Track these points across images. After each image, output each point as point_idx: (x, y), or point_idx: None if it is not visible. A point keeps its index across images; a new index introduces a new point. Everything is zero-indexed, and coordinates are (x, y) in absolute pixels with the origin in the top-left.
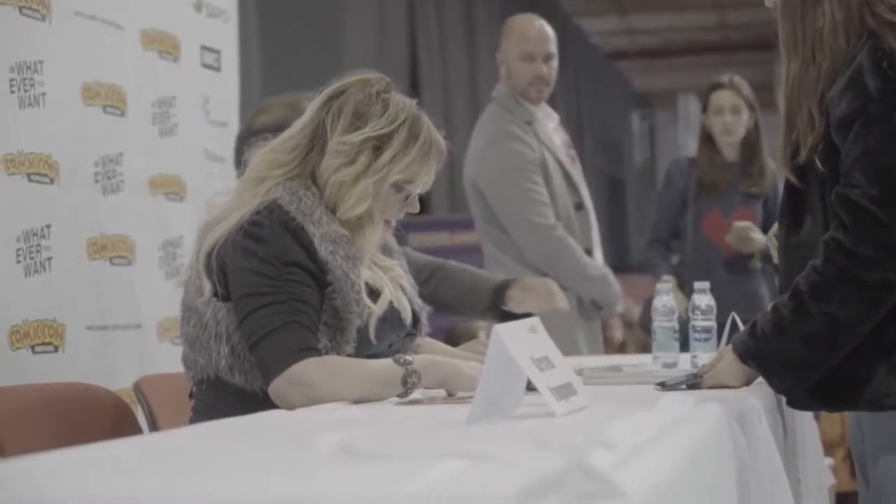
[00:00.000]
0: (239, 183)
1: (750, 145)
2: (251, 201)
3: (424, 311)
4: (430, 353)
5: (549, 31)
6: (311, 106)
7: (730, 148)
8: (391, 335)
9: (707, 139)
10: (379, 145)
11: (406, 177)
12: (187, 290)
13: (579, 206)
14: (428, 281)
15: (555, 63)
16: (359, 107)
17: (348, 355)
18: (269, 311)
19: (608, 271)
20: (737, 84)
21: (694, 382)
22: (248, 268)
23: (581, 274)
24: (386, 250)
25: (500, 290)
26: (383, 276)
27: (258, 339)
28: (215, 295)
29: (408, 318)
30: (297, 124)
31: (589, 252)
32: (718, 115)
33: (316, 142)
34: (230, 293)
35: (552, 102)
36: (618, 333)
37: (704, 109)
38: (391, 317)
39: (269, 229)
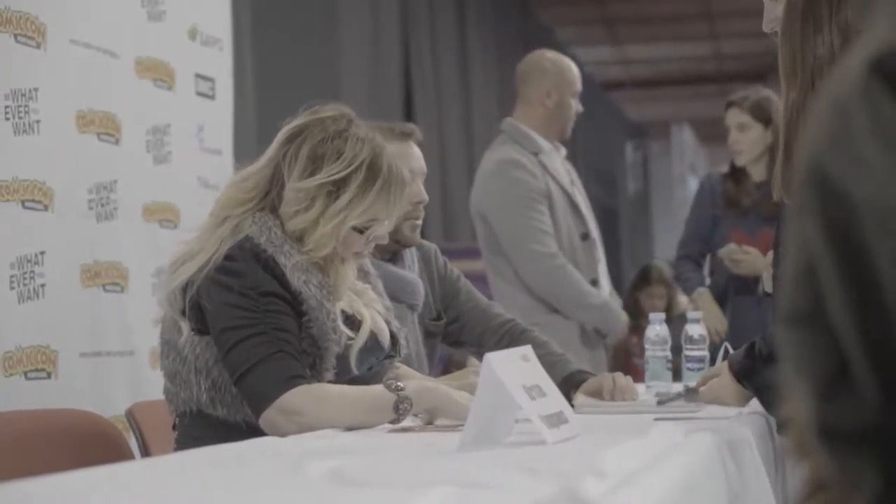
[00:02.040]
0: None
1: (769, 162)
2: (215, 239)
3: (402, 332)
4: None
5: None
6: (275, 141)
7: (753, 167)
8: (370, 359)
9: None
10: (334, 189)
11: (366, 219)
12: (164, 324)
13: (585, 237)
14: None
15: None
16: (315, 150)
17: (328, 381)
18: (253, 343)
19: (613, 300)
20: (746, 100)
21: (691, 395)
22: (226, 302)
23: (581, 302)
24: (360, 273)
25: (568, 384)
26: (359, 301)
27: (244, 371)
28: (192, 329)
29: (386, 340)
30: (259, 161)
31: (595, 282)
32: (729, 134)
33: (274, 184)
34: (208, 328)
35: None
36: None
37: None
38: (369, 340)
39: (242, 263)
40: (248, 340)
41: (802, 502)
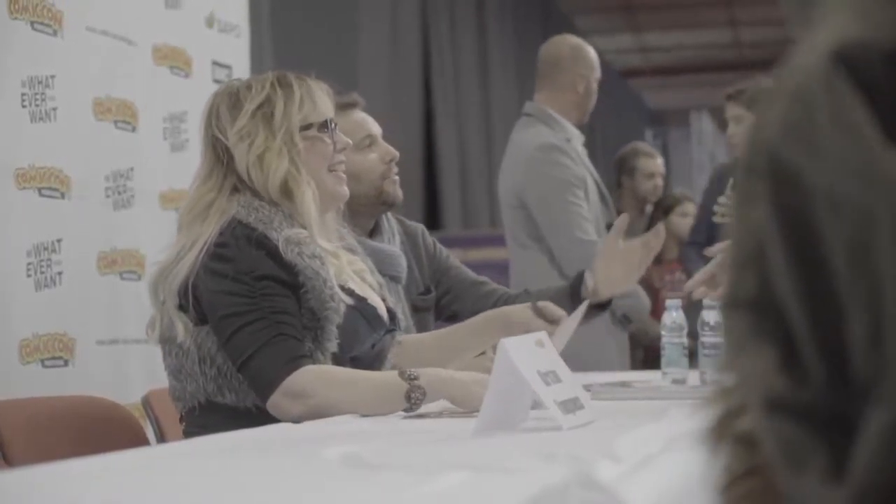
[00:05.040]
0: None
1: None
2: (200, 237)
3: (398, 307)
4: (415, 352)
5: None
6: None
7: None
8: (372, 335)
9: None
10: (267, 110)
11: (305, 114)
12: (162, 326)
13: (610, 226)
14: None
15: None
16: (230, 99)
17: (332, 354)
18: (252, 329)
19: (637, 286)
20: (741, 94)
21: None
22: (221, 290)
23: None
24: (350, 249)
25: (576, 283)
26: (348, 272)
27: (246, 357)
28: (191, 320)
29: (383, 314)
30: (201, 160)
31: None
32: (728, 127)
33: (221, 154)
34: (207, 317)
35: None
36: None
37: None
38: (368, 316)
39: (234, 248)
40: (248, 326)
41: (722, 491)
